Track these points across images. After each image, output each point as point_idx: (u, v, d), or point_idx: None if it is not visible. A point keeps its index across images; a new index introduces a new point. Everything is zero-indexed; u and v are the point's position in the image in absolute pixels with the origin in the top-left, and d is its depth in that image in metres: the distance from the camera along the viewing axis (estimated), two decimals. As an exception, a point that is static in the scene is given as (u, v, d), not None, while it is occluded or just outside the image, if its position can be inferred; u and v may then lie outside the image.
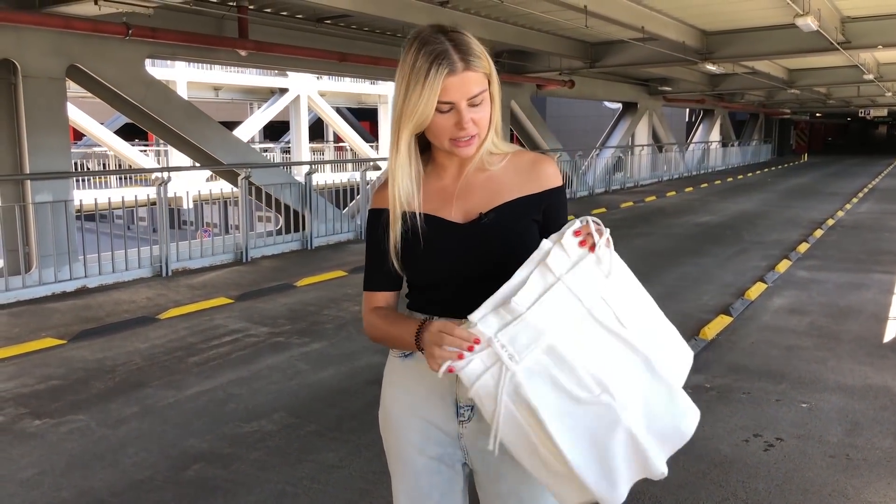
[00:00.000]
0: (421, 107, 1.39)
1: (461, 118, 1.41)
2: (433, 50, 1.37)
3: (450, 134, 1.43)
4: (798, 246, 9.06)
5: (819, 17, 8.14)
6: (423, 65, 1.37)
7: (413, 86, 1.39)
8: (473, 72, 1.40)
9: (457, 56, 1.38)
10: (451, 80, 1.38)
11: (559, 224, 1.51)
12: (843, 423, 3.68)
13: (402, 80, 1.41)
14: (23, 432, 3.63)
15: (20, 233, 6.70)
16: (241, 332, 5.45)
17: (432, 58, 1.37)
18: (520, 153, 1.57)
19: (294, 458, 3.32)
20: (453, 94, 1.39)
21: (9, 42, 6.51)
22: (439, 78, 1.37)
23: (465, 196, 1.53)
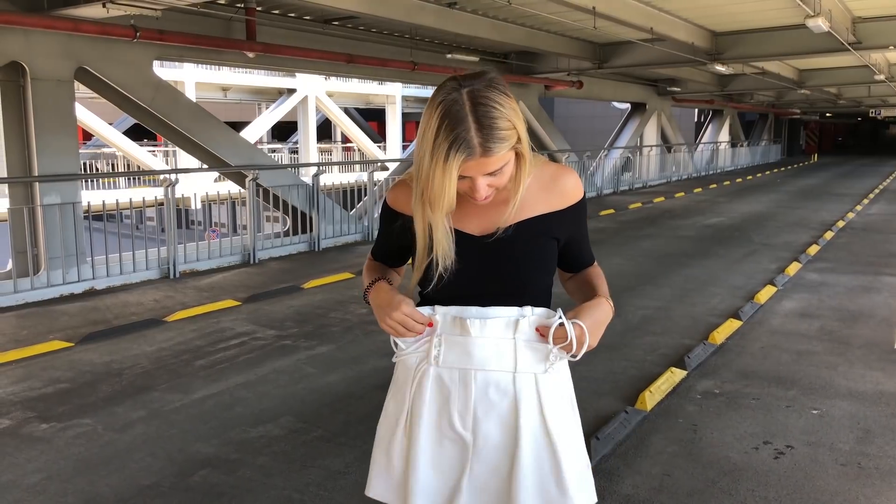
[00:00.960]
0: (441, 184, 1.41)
1: (475, 192, 1.45)
2: (454, 128, 1.37)
3: (468, 193, 1.47)
4: (808, 248, 9.00)
5: (830, 17, 8.07)
6: (442, 143, 1.38)
7: (436, 160, 1.40)
8: (490, 157, 1.40)
9: (478, 140, 1.38)
10: (469, 163, 1.40)
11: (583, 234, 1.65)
12: (854, 430, 3.64)
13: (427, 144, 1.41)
14: (29, 436, 3.63)
15: (29, 235, 6.71)
16: (248, 334, 5.44)
17: (451, 139, 1.37)
18: (543, 166, 1.57)
19: (300, 464, 3.31)
20: (470, 171, 1.42)
21: (17, 45, 6.53)
22: (456, 161, 1.38)
23: (486, 211, 1.53)
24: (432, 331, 1.54)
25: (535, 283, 1.55)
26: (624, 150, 19.34)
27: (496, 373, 1.52)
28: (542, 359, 1.52)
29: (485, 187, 1.45)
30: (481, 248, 1.53)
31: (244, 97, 24.77)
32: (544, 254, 1.56)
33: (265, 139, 27.58)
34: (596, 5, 7.97)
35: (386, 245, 1.72)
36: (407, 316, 1.50)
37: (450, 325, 1.55)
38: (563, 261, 1.68)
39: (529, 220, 1.53)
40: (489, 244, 1.52)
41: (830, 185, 20.04)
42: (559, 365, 1.56)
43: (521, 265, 1.53)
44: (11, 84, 6.75)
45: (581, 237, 1.65)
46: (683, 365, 4.56)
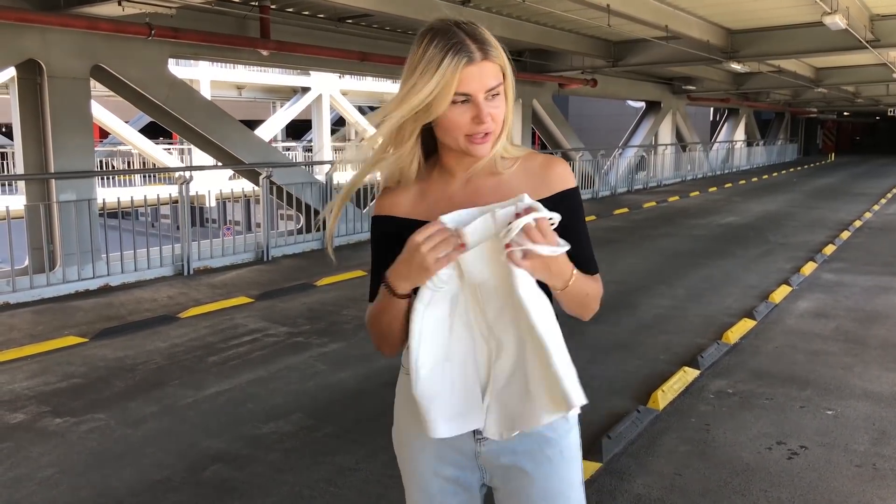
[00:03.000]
0: (434, 97, 1.29)
1: (479, 111, 1.31)
2: (449, 39, 1.29)
3: (466, 129, 1.33)
4: (824, 248, 8.91)
5: (847, 15, 7.98)
6: (436, 54, 1.28)
7: (425, 75, 1.29)
8: (491, 62, 1.31)
9: (474, 46, 1.29)
10: (469, 69, 1.29)
11: (577, 229, 1.42)
12: (869, 431, 3.60)
13: (411, 70, 1.31)
14: (44, 431, 3.66)
15: (45, 231, 6.78)
16: (260, 331, 5.46)
17: (448, 46, 1.28)
18: (531, 156, 1.47)
19: (310, 461, 3.31)
20: (471, 85, 1.30)
21: (34, 43, 6.59)
22: (458, 67, 1.27)
23: (473, 203, 1.39)
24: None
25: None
26: (638, 148, 19.24)
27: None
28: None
29: (488, 115, 1.32)
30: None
31: (258, 95, 24.89)
32: None
33: (279, 137, 27.67)
34: (610, 3, 7.93)
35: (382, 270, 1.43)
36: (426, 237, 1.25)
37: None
38: None
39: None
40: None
41: (847, 184, 19.84)
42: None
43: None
44: (28, 82, 6.82)
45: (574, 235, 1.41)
46: (696, 364, 4.53)
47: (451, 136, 1.35)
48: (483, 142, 1.35)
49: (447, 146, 1.40)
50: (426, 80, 1.29)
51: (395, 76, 10.24)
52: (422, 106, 1.31)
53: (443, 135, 1.37)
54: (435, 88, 1.29)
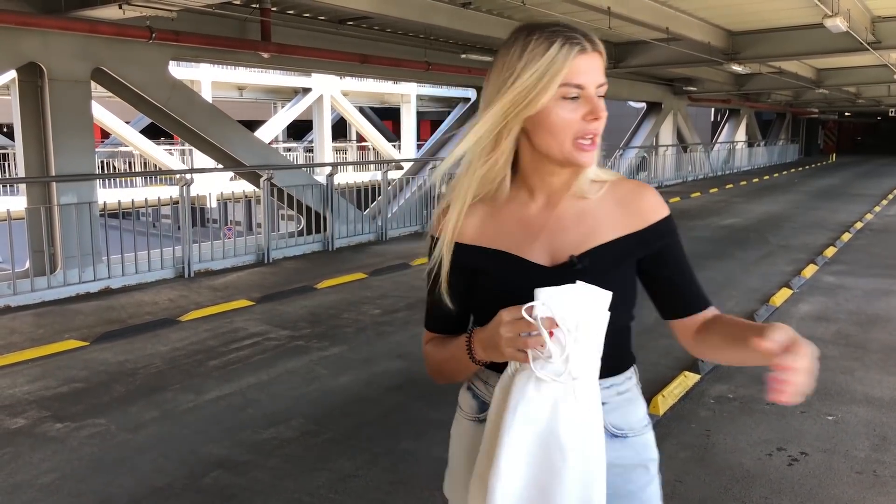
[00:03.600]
0: (543, 85, 1.15)
1: (595, 104, 1.18)
2: (554, 30, 1.18)
3: (575, 130, 1.19)
4: (825, 250, 8.91)
5: (849, 17, 7.97)
6: (541, 43, 1.16)
7: (530, 64, 1.16)
8: (600, 56, 1.20)
9: (582, 37, 1.18)
10: (582, 59, 1.17)
11: (680, 262, 1.30)
12: (870, 437, 3.60)
13: (510, 64, 1.18)
14: (44, 436, 3.67)
15: (45, 234, 6.78)
16: (261, 335, 5.46)
17: (556, 35, 1.17)
18: (620, 182, 1.32)
19: (311, 467, 3.31)
20: (584, 76, 1.17)
21: (35, 46, 6.59)
22: (569, 54, 1.16)
23: (554, 231, 1.27)
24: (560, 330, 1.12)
25: (616, 321, 1.22)
26: (639, 149, 19.23)
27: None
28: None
29: (603, 111, 1.19)
30: (547, 280, 1.19)
31: (259, 96, 24.90)
32: (625, 286, 1.27)
33: (280, 138, 27.67)
34: (611, 5, 7.93)
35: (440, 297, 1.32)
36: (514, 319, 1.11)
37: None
38: (663, 301, 1.34)
39: (607, 245, 1.26)
40: (557, 275, 1.21)
41: (849, 185, 19.82)
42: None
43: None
44: (29, 84, 6.82)
45: (676, 267, 1.31)
46: (697, 369, 4.53)
47: (556, 139, 1.20)
48: (591, 148, 1.21)
49: (538, 157, 1.25)
50: (532, 69, 1.16)
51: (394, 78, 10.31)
52: (528, 97, 1.17)
53: (545, 138, 1.21)
54: (544, 76, 1.16)
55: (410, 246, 9.69)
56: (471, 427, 1.37)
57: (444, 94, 25.53)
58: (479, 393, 1.37)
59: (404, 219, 10.97)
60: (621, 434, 1.34)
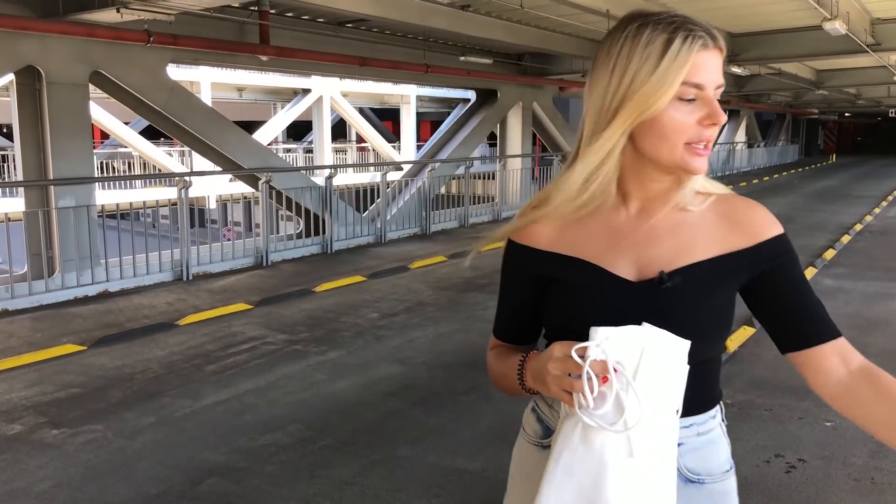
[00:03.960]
0: (663, 90, 1.03)
1: (713, 107, 1.06)
2: (671, 20, 1.05)
3: (689, 134, 1.06)
4: (824, 252, 8.89)
5: (848, 20, 7.97)
6: (657, 35, 1.04)
7: (647, 61, 1.04)
8: (720, 54, 1.08)
9: (704, 31, 1.06)
10: (703, 55, 1.05)
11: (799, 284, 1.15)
12: (868, 443, 3.59)
13: (624, 63, 1.06)
14: (41, 442, 3.66)
15: (44, 237, 6.77)
16: (259, 339, 5.46)
17: (675, 26, 1.04)
18: (728, 197, 1.18)
19: (307, 474, 3.31)
20: (704, 74, 1.05)
21: (33, 49, 6.59)
22: (692, 49, 1.03)
23: (644, 243, 1.14)
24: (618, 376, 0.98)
25: (705, 352, 1.11)
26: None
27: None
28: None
29: (722, 114, 1.06)
30: (631, 297, 1.10)
31: (259, 97, 24.87)
32: (723, 310, 1.14)
33: (280, 139, 27.65)
34: (609, 8, 7.92)
35: (513, 303, 1.27)
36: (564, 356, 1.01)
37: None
38: (779, 331, 1.17)
39: (704, 263, 1.12)
40: (643, 292, 1.10)
41: (849, 186, 19.81)
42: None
43: (688, 325, 1.07)
44: (27, 88, 6.81)
45: (793, 290, 1.16)
46: (695, 374, 4.52)
47: (668, 143, 1.07)
48: (705, 153, 1.09)
49: (640, 161, 1.12)
50: (652, 67, 1.03)
51: (393, 80, 10.24)
52: (650, 102, 1.04)
53: (654, 142, 1.08)
54: (667, 75, 1.03)
55: (409, 248, 9.68)
56: (533, 452, 1.24)
57: (444, 94, 25.50)
58: (543, 416, 1.24)
59: (403, 221, 10.96)
60: (697, 479, 1.19)
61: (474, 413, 3.99)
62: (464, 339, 5.42)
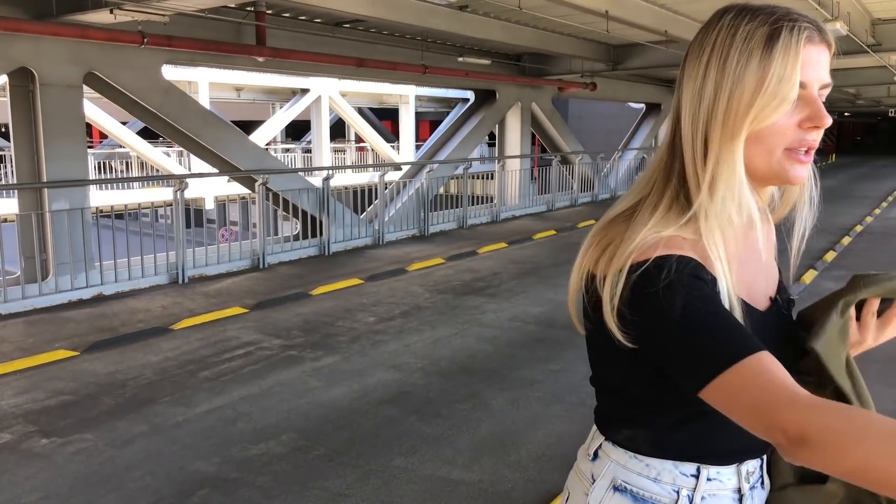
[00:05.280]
0: (771, 85, 0.90)
1: (818, 108, 0.93)
2: (772, 11, 0.93)
3: (789, 139, 0.94)
4: (825, 254, 8.84)
5: (849, 20, 7.90)
6: (758, 28, 0.91)
7: (748, 60, 0.91)
8: (828, 49, 0.96)
9: (808, 22, 0.93)
10: (809, 50, 0.92)
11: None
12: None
13: (715, 62, 0.93)
14: (29, 452, 3.60)
15: (37, 240, 6.71)
16: (253, 344, 5.39)
17: (778, 17, 0.92)
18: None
19: (300, 485, 3.25)
20: (810, 72, 0.93)
21: (27, 51, 6.52)
22: (799, 43, 0.91)
23: (754, 264, 1.04)
24: None
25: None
26: (638, 150, 19.16)
27: None
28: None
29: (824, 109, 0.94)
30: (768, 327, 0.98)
31: (257, 97, 24.80)
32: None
33: (279, 138, 27.58)
34: (608, 9, 7.86)
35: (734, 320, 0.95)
36: None
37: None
38: None
39: (781, 284, 1.08)
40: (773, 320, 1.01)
41: (849, 186, 19.75)
42: None
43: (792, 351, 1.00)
44: (21, 89, 6.74)
45: None
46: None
47: (764, 148, 0.94)
48: (807, 160, 0.96)
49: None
50: (757, 68, 0.91)
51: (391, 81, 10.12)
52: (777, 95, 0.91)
53: (748, 148, 0.95)
54: (776, 74, 0.90)
55: (407, 250, 9.62)
56: None
57: (444, 94, 25.44)
58: (644, 493, 1.02)
59: (401, 222, 10.90)
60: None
61: (472, 422, 3.93)
62: (461, 345, 5.36)
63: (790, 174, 0.95)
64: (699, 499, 1.00)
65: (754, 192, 0.98)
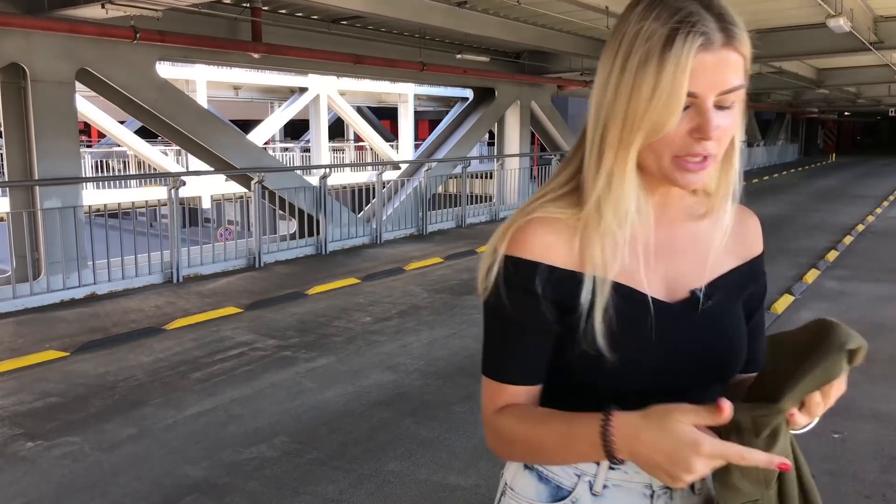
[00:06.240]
0: (662, 98, 0.87)
1: (705, 121, 0.88)
2: (676, 7, 0.87)
3: (677, 147, 0.90)
4: (827, 254, 8.75)
5: (852, 17, 7.81)
6: (658, 29, 0.86)
7: (644, 64, 0.87)
8: (735, 52, 0.89)
9: (713, 21, 0.87)
10: (703, 58, 0.86)
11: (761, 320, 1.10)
12: (878, 457, 3.44)
13: (620, 57, 0.90)
14: (14, 456, 3.50)
15: (29, 239, 6.60)
16: (247, 344, 5.30)
17: (674, 19, 0.87)
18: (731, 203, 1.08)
19: (291, 490, 3.15)
20: (699, 83, 0.87)
21: (17, 46, 6.42)
22: (690, 51, 0.86)
23: (664, 257, 1.00)
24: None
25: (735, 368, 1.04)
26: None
27: None
28: None
29: (717, 129, 0.89)
30: (671, 319, 0.98)
31: (255, 96, 24.72)
32: (743, 326, 1.05)
33: (277, 138, 27.48)
34: (609, 5, 7.77)
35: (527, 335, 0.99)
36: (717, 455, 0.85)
37: None
38: None
39: (726, 277, 1.03)
40: (683, 313, 0.99)
41: (849, 186, 19.67)
42: None
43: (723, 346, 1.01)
44: (12, 86, 6.64)
45: (759, 315, 1.10)
46: (697, 382, 4.37)
47: (652, 154, 0.92)
48: (699, 168, 0.92)
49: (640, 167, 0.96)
50: (654, 76, 0.87)
51: (389, 78, 10.07)
52: (657, 120, 0.88)
53: (640, 150, 0.94)
54: (665, 89, 0.87)
55: (405, 249, 9.53)
56: None
57: (443, 93, 25.35)
58: (548, 475, 1.05)
59: (399, 221, 10.80)
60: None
61: (468, 424, 3.84)
62: (459, 345, 5.26)
63: (679, 181, 0.94)
64: (601, 486, 1.01)
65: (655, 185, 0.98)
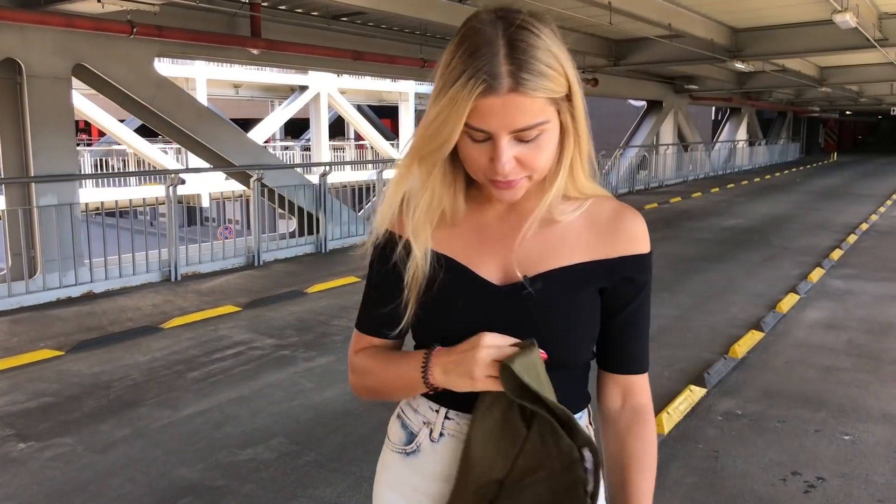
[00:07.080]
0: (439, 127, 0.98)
1: (496, 156, 0.98)
2: (476, 48, 0.95)
3: (484, 171, 1.02)
4: (831, 253, 8.66)
5: (857, 13, 7.73)
6: (458, 66, 0.96)
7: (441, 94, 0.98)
8: (525, 97, 0.95)
9: (506, 67, 0.94)
10: (487, 102, 0.95)
11: (640, 314, 1.13)
12: (890, 459, 3.36)
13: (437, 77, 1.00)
14: (5, 457, 3.42)
15: (24, 236, 6.52)
16: (245, 343, 5.22)
17: (471, 60, 0.95)
18: (601, 200, 1.13)
19: (289, 493, 3.07)
20: (490, 122, 0.96)
21: (13, 41, 6.33)
22: (472, 94, 0.94)
23: (510, 245, 1.10)
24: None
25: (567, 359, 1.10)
26: (640, 148, 18.98)
27: None
28: None
29: (511, 161, 0.99)
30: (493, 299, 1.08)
31: (256, 94, 24.60)
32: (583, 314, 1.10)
33: (278, 136, 27.40)
34: (612, 0, 7.69)
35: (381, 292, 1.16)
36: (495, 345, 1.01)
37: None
38: (601, 345, 1.16)
39: (566, 269, 1.09)
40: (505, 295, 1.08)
41: (851, 184, 19.58)
42: None
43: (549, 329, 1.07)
44: (8, 82, 6.56)
45: (632, 314, 1.13)
46: (703, 382, 4.29)
47: (471, 172, 1.06)
48: (506, 188, 1.03)
49: None
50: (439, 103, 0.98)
51: (389, 75, 9.98)
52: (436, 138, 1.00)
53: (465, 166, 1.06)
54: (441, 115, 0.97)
55: (405, 248, 9.43)
56: (397, 460, 1.21)
57: (443, 92, 25.27)
58: (407, 422, 1.20)
59: (400, 219, 10.70)
60: None
61: (469, 425, 3.75)
62: (459, 344, 5.17)
63: (496, 196, 1.06)
64: (437, 434, 1.15)
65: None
